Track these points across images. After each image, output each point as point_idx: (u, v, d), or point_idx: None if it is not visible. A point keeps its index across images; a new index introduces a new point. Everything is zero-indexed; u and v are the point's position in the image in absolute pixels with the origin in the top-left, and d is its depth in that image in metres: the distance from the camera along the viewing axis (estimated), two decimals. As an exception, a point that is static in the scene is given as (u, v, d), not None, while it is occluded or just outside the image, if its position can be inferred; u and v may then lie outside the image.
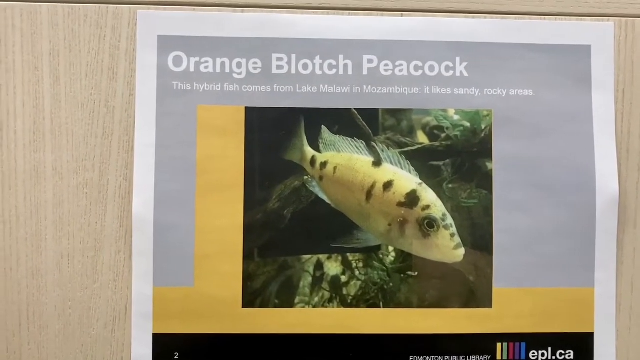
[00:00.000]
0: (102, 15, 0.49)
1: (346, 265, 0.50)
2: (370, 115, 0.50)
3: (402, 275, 0.49)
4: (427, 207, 0.49)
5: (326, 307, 0.49)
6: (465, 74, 0.50)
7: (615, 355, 0.50)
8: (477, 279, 0.50)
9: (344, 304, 0.49)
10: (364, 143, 0.50)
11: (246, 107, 0.49)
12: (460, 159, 0.50)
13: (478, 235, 0.50)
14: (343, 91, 0.50)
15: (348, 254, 0.49)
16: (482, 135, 0.50)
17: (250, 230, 0.49)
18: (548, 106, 0.50)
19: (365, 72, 0.50)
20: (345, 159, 0.50)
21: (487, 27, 0.50)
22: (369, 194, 0.49)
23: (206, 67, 0.50)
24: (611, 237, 0.50)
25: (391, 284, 0.49)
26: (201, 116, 0.49)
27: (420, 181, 0.49)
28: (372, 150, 0.50)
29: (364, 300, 0.49)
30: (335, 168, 0.50)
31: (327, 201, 0.50)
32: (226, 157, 0.49)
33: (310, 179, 0.50)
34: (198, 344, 0.49)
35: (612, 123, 0.51)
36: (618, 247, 0.50)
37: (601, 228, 0.50)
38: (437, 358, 0.49)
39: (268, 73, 0.50)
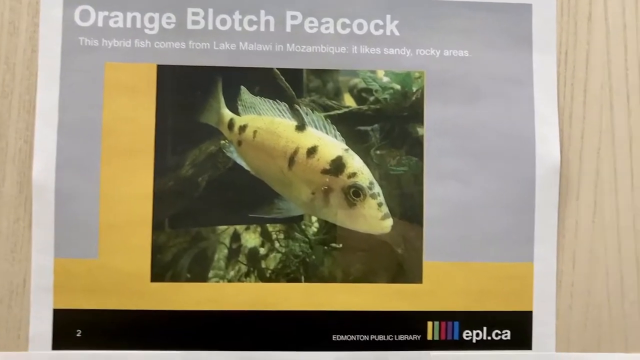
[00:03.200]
0: (4, -35, 0.46)
1: (265, 236, 0.46)
2: (293, 75, 0.46)
3: (326, 248, 0.46)
4: (354, 174, 0.46)
5: (243, 281, 0.45)
6: (396, 33, 0.47)
7: (555, 336, 0.47)
8: (406, 252, 0.46)
9: (262, 278, 0.46)
10: (287, 105, 0.46)
11: (158, 65, 0.46)
12: (389, 123, 0.46)
13: (407, 205, 0.46)
14: (264, 49, 0.46)
15: (267, 225, 0.46)
16: (414, 98, 0.47)
17: (160, 198, 0.45)
18: (485, 68, 0.47)
19: (288, 29, 0.46)
20: (266, 123, 0.46)
21: (421, -18, 0.47)
22: (291, 160, 0.46)
23: (115, 22, 0.46)
24: (551, 209, 0.47)
25: (314, 257, 0.46)
26: (109, 74, 0.45)
27: (347, 147, 0.46)
28: (295, 114, 0.46)
29: (284, 274, 0.46)
30: (255, 132, 0.46)
31: (246, 168, 0.46)
32: (135, 119, 0.45)
33: (227, 144, 0.46)
34: (102, 320, 0.45)
35: (554, 87, 0.47)
36: (559, 220, 0.47)
37: (541, 199, 0.47)
38: (361, 337, 0.46)
39: (183, 29, 0.46)
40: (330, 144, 0.46)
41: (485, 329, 0.46)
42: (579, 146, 0.48)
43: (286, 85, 0.46)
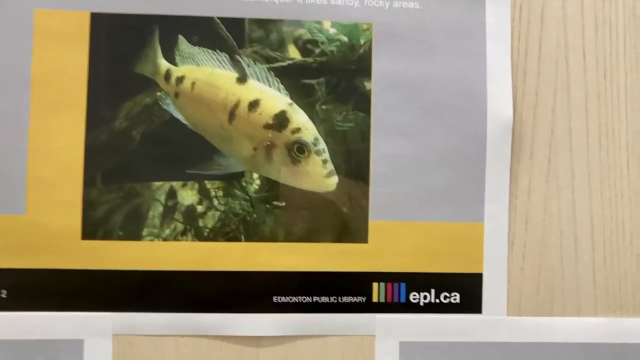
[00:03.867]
0: None
1: (203, 193, 0.44)
2: (235, 25, 0.44)
3: (268, 206, 0.44)
4: (298, 130, 0.44)
5: (179, 240, 0.43)
6: (344, -18, 0.45)
7: (505, 299, 0.45)
8: (351, 211, 0.44)
9: (200, 237, 0.43)
10: (227, 56, 0.44)
11: (92, 13, 0.43)
12: (335, 77, 0.44)
13: (354, 163, 0.44)
14: (204, -3, 0.44)
15: (206, 182, 0.44)
16: (361, 51, 0.44)
17: (92, 152, 0.43)
18: (436, 21, 0.45)
19: (229, -24, 0.44)
20: (205, 74, 0.44)
21: None
22: (232, 114, 0.44)
23: (46, -34, 0.43)
24: (503, 167, 0.45)
25: (255, 216, 0.44)
26: (39, 22, 0.43)
27: (291, 101, 0.44)
28: (236, 65, 0.44)
29: (223, 233, 0.44)
30: (193, 84, 0.44)
31: (184, 121, 0.44)
32: (67, 69, 0.43)
33: (164, 96, 0.44)
34: (30, 280, 0.42)
35: (508, 42, 0.45)
36: (512, 179, 0.45)
37: (492, 158, 0.45)
38: (304, 299, 0.44)
39: (117, -26, 0.44)
40: (273, 98, 0.44)
41: (433, 291, 0.45)
42: (533, 103, 0.46)
43: (227, 35, 0.44)
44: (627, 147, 0.46)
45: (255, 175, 0.44)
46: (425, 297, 0.45)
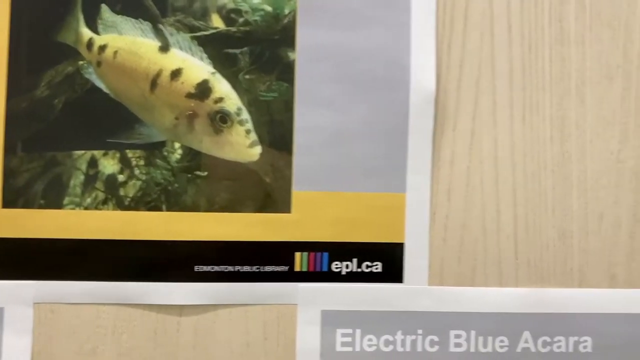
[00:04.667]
0: None
1: (124, 163, 0.44)
2: (157, -6, 0.44)
3: (190, 175, 0.44)
4: (220, 99, 0.44)
5: (100, 209, 0.43)
6: (268, -48, 0.45)
7: (427, 268, 0.46)
8: (274, 181, 0.44)
9: (121, 206, 0.44)
10: (150, 25, 0.44)
11: (12, -20, 0.43)
12: (259, 47, 0.44)
13: (277, 133, 0.44)
14: (126, -35, 0.44)
15: (127, 151, 0.44)
16: (285, 21, 0.44)
17: (13, 120, 0.43)
18: (361, -8, 0.45)
19: (152, -56, 0.44)
20: (127, 43, 0.44)
21: None
22: (153, 83, 0.44)
23: None
24: (426, 139, 0.45)
25: (176, 185, 0.44)
26: (-43, -12, 0.43)
27: (214, 70, 0.44)
28: (158, 34, 0.44)
29: (144, 202, 0.44)
30: (115, 52, 0.44)
31: (105, 90, 0.44)
32: (-14, 35, 0.43)
33: (86, 64, 0.44)
34: (-51, 248, 0.43)
35: (433, 14, 0.45)
36: (434, 151, 0.46)
37: (415, 129, 0.45)
38: (226, 268, 0.44)
39: (38, -60, 0.43)
40: (196, 67, 0.44)
41: (355, 260, 0.45)
42: (457, 76, 0.46)
43: (150, 4, 0.43)
44: (550, 120, 0.46)
45: (177, 145, 0.44)
46: (347, 267, 0.45)
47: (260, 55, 0.44)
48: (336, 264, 0.45)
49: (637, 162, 0.47)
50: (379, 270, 0.45)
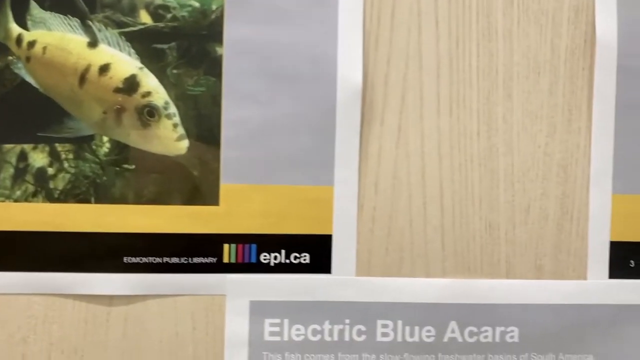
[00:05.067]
0: None
1: (54, 156, 0.45)
2: (86, -10, 0.45)
3: (118, 169, 0.45)
4: (148, 93, 0.44)
5: (30, 201, 0.44)
6: (196, -52, 0.45)
7: (355, 259, 0.47)
8: (202, 174, 0.45)
9: (51, 198, 0.44)
10: (79, 21, 0.44)
11: (-60, -24, 0.44)
12: (187, 42, 0.45)
13: (204, 127, 0.45)
14: (55, -38, 0.44)
15: (57, 144, 0.44)
16: (213, 17, 0.45)
17: (-58, 114, 0.44)
18: (289, -12, 0.46)
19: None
20: (56, 39, 0.45)
21: None
22: (82, 78, 0.44)
23: None
24: (353, 133, 0.46)
25: (105, 178, 0.45)
26: None
27: (142, 65, 0.44)
28: (87, 30, 0.44)
29: (74, 195, 0.45)
30: (44, 48, 0.45)
31: (35, 85, 0.44)
32: None
33: (15, 60, 0.44)
34: None
35: (360, 9, 0.46)
36: (362, 145, 0.47)
37: (342, 123, 0.46)
38: (154, 259, 0.45)
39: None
40: (124, 62, 0.44)
41: (283, 252, 0.46)
42: (385, 70, 0.47)
43: (78, 1, 0.44)
44: (477, 114, 0.47)
45: (105, 139, 0.45)
46: (275, 258, 0.46)
47: (188, 50, 0.45)
48: (264, 256, 0.46)
49: (564, 156, 0.48)
50: (307, 261, 0.46)
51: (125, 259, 0.45)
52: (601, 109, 0.48)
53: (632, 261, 0.48)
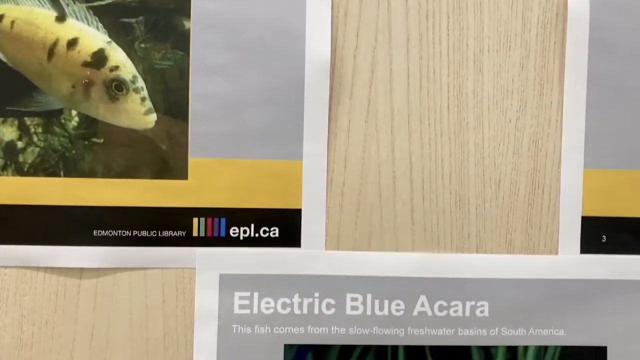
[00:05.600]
0: None
1: (23, 130, 0.45)
2: (54, -36, 0.45)
3: (86, 142, 0.45)
4: (116, 67, 0.45)
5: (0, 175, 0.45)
6: None
7: (324, 233, 0.47)
8: (170, 148, 0.45)
9: (20, 172, 0.45)
10: (47, -5, 0.45)
11: None
12: (154, 16, 0.45)
13: (172, 101, 0.45)
14: (22, -64, 0.45)
15: (26, 118, 0.45)
16: (181, -10, 0.45)
17: None
18: (257, -39, 0.46)
19: None
20: (24, 13, 0.45)
21: None
22: (50, 52, 0.45)
23: None
24: (322, 107, 0.46)
25: (74, 152, 0.45)
26: None
27: (109, 39, 0.45)
28: (55, 4, 0.44)
29: (43, 168, 0.45)
30: (12, 22, 0.45)
31: (4, 59, 0.45)
32: None
33: (-17, 34, 0.45)
34: None
35: (329, -18, 0.46)
36: (331, 119, 0.47)
37: (311, 97, 0.46)
38: (124, 232, 0.45)
39: None
40: (92, 36, 0.45)
41: (253, 225, 0.46)
42: (354, 44, 0.47)
43: (46, -26, 0.45)
44: (447, 88, 0.47)
45: (74, 112, 0.45)
46: (245, 232, 0.46)
47: (156, 24, 0.45)
48: (234, 229, 0.46)
49: (535, 130, 0.48)
50: (277, 235, 0.46)
51: (95, 232, 0.45)
52: (573, 83, 0.48)
53: (604, 236, 0.48)
